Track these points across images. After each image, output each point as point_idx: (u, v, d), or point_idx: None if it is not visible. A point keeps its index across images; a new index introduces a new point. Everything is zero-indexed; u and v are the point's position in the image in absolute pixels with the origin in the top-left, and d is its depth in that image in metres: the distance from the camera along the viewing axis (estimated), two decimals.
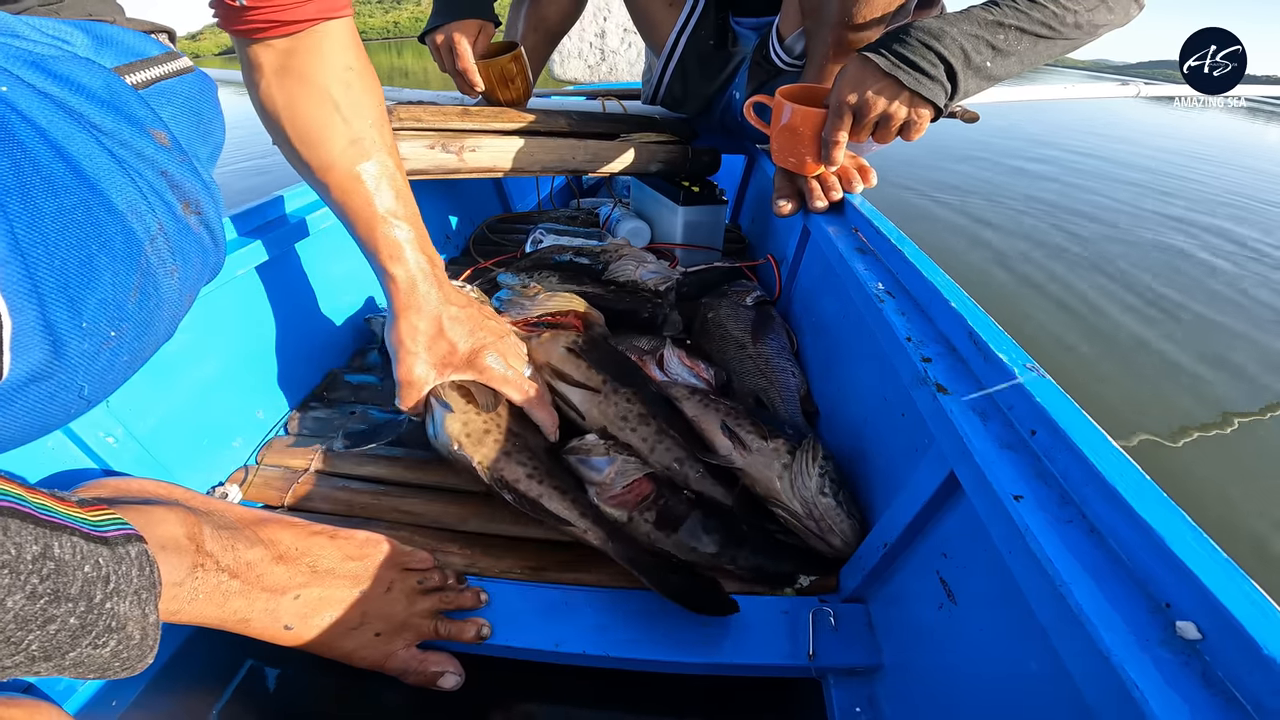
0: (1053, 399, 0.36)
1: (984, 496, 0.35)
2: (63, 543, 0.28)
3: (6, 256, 0.27)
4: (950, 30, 0.65)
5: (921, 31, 0.65)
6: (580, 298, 0.76)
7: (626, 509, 0.51)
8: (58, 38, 0.37)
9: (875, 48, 0.67)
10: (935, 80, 0.65)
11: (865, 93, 0.67)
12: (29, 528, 0.27)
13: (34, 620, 0.26)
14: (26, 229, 0.29)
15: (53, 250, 0.30)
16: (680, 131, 1.10)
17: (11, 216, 0.28)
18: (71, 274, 0.31)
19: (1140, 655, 0.25)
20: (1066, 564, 0.29)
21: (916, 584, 0.46)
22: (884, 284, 0.58)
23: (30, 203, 0.29)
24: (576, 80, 2.41)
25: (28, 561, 0.26)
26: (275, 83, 0.54)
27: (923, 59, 0.65)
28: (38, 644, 0.27)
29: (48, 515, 0.28)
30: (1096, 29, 0.69)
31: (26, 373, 0.29)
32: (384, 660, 0.47)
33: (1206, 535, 0.28)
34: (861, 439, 0.61)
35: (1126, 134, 5.67)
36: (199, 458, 0.62)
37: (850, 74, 0.68)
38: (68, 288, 0.30)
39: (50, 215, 0.30)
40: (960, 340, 0.45)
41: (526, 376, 0.63)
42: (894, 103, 0.67)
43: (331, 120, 0.55)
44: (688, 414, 0.62)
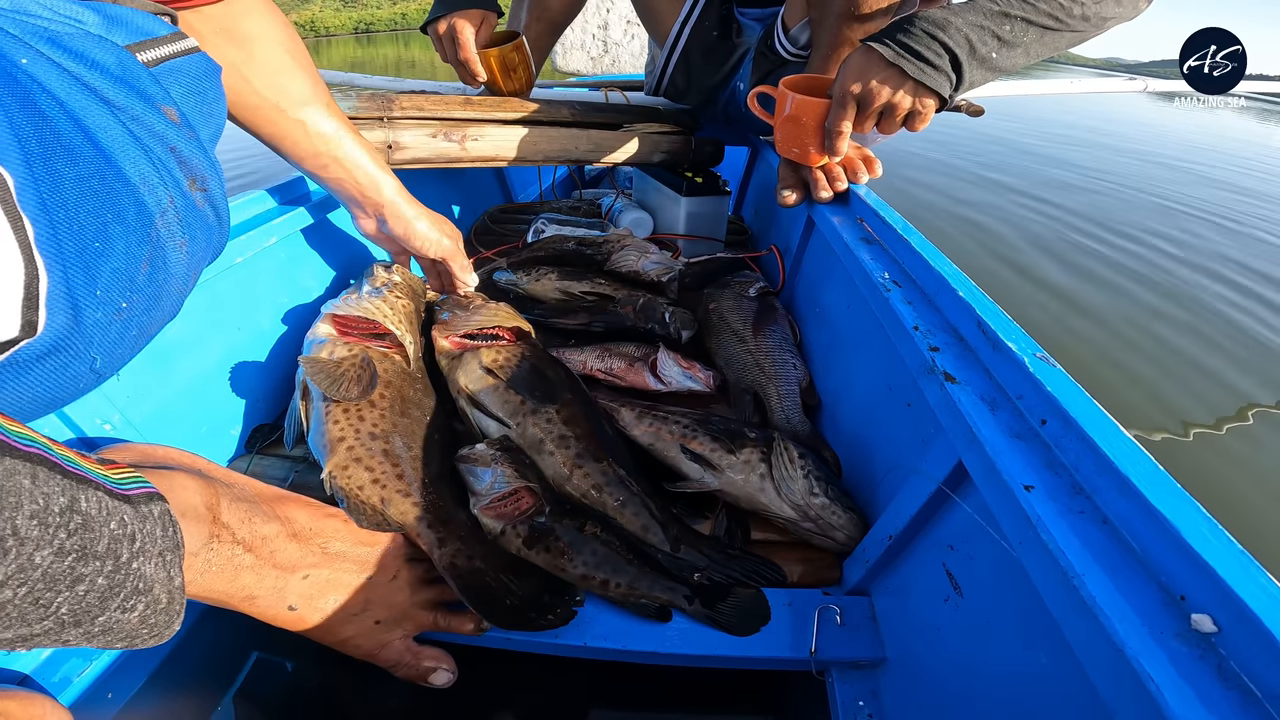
0: (1063, 388, 0.35)
1: (994, 487, 0.34)
2: (89, 496, 0.27)
3: (37, 216, 0.28)
4: (955, 21, 0.64)
5: (926, 22, 0.64)
6: (511, 308, 0.73)
7: (502, 521, 0.51)
8: (70, 16, 0.37)
9: (880, 38, 0.66)
10: (940, 70, 0.65)
11: (869, 83, 0.66)
12: (56, 478, 0.26)
13: (63, 580, 0.25)
14: (51, 193, 0.29)
15: (72, 216, 0.30)
16: (683, 122, 1.09)
17: (39, 180, 0.28)
18: (89, 241, 0.31)
19: (1155, 648, 0.24)
20: (1079, 555, 0.28)
21: (922, 577, 0.45)
22: (890, 273, 0.57)
23: (53, 169, 0.29)
24: (579, 72, 2.40)
25: (55, 514, 0.25)
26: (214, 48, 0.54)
27: (927, 49, 0.64)
28: (66, 606, 0.26)
29: (73, 468, 0.28)
30: (1104, 21, 0.68)
31: (50, 338, 0.29)
32: (379, 650, 0.46)
33: (1222, 527, 0.27)
34: (865, 430, 0.60)
35: (1138, 129, 5.64)
36: (197, 445, 0.61)
37: (854, 64, 0.68)
38: (84, 254, 0.30)
39: (70, 182, 0.30)
40: (968, 329, 0.45)
41: None
42: (898, 93, 0.66)
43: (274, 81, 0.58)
44: (643, 442, 0.61)
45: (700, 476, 0.56)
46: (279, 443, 0.65)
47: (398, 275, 0.73)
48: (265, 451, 0.65)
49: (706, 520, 0.58)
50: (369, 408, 0.56)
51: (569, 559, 0.50)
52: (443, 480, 0.55)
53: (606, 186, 1.53)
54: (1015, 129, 4.92)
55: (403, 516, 0.50)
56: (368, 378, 0.58)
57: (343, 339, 0.62)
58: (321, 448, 0.54)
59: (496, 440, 0.56)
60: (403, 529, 0.50)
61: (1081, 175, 3.61)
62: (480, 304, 0.72)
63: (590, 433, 0.58)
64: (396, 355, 0.64)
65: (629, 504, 0.54)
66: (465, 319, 0.69)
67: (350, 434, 0.54)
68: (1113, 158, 4.16)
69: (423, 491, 0.52)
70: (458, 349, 0.66)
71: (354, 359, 0.60)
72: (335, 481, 0.51)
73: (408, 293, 0.72)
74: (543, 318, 0.82)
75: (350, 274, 0.87)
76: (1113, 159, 4.14)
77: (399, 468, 0.53)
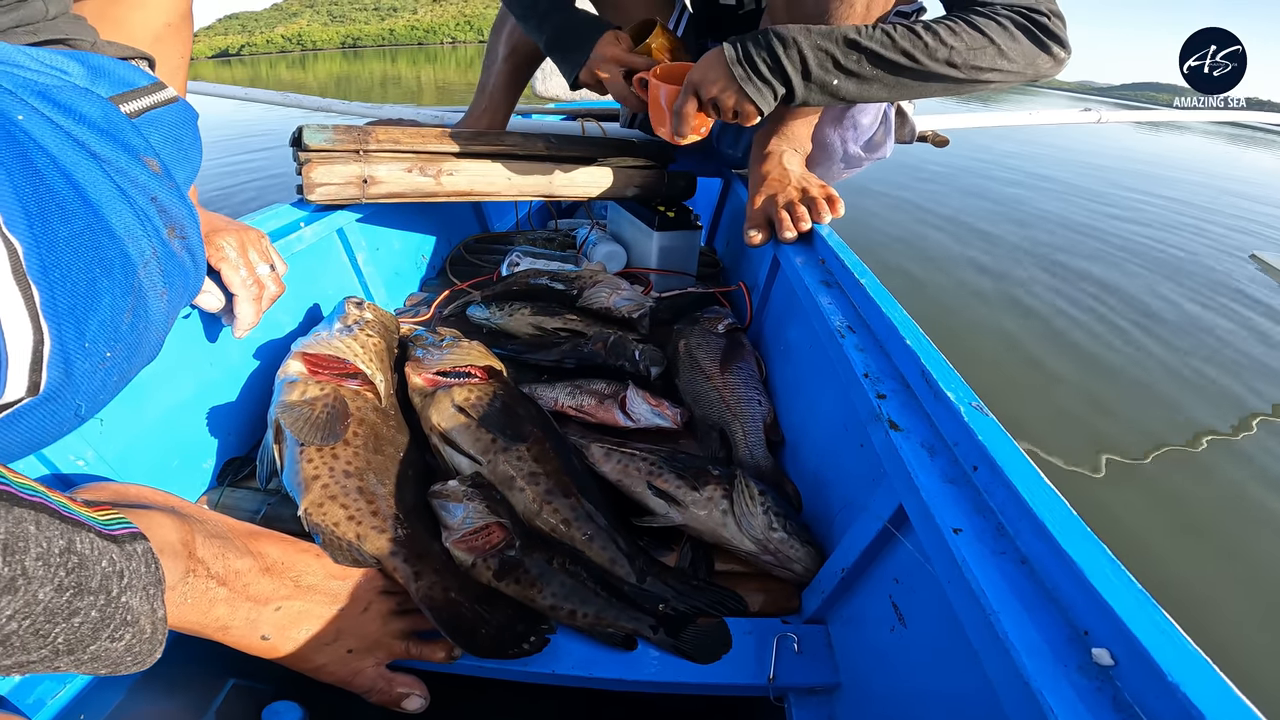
0: (993, 437, 0.39)
1: (928, 529, 0.37)
2: (82, 538, 0.29)
3: (39, 279, 0.29)
4: (801, 41, 0.68)
5: (774, 36, 0.69)
6: (483, 347, 0.75)
7: (474, 554, 0.53)
8: (56, 68, 0.38)
9: (736, 39, 0.72)
10: (766, 84, 0.70)
11: (706, 73, 0.73)
12: (55, 523, 0.28)
13: (60, 613, 0.27)
14: (49, 255, 0.30)
15: (66, 275, 0.31)
16: (656, 155, 1.13)
17: (40, 244, 0.30)
18: (80, 296, 0.32)
19: (1058, 680, 0.27)
20: (998, 593, 0.31)
21: (871, 607, 0.48)
22: (846, 318, 0.60)
23: (50, 230, 0.31)
24: (558, 97, 2.44)
25: (55, 555, 0.27)
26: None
27: (761, 62, 0.69)
28: (63, 637, 0.28)
29: (68, 513, 0.30)
30: (981, 73, 0.70)
31: (45, 393, 0.31)
32: (352, 677, 0.48)
33: (1123, 566, 0.30)
34: (823, 467, 0.63)
35: (1099, 158, 5.90)
36: (168, 480, 0.61)
37: (705, 57, 0.74)
38: (75, 310, 0.32)
39: (64, 240, 0.31)
40: (913, 377, 0.48)
41: (259, 273, 0.64)
42: (725, 91, 0.72)
43: None
44: (611, 478, 0.63)
45: (665, 512, 0.59)
46: (251, 476, 0.65)
47: (369, 313, 0.74)
48: (237, 484, 0.66)
49: (672, 552, 0.60)
50: (343, 446, 0.58)
51: (538, 590, 0.52)
52: (416, 514, 0.56)
53: (581, 216, 1.56)
54: (976, 152, 5.11)
55: (378, 552, 0.52)
56: (342, 420, 0.59)
57: (314, 378, 0.64)
58: (296, 485, 0.55)
59: (468, 476, 0.58)
60: (379, 564, 0.51)
61: (1036, 200, 3.77)
62: (453, 342, 0.74)
63: (559, 469, 0.60)
64: (368, 393, 0.65)
65: (596, 538, 0.56)
66: (438, 357, 0.71)
67: (324, 472, 0.55)
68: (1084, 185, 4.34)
69: (397, 526, 0.54)
70: (430, 386, 0.68)
71: (326, 398, 0.61)
72: (311, 519, 0.52)
73: (379, 329, 0.73)
74: (516, 353, 0.84)
75: (321, 308, 0.88)
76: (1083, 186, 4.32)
77: (374, 504, 0.54)
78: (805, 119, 0.89)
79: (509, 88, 1.17)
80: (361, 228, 1.00)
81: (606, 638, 0.51)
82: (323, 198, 0.87)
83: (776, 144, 0.89)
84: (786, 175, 0.85)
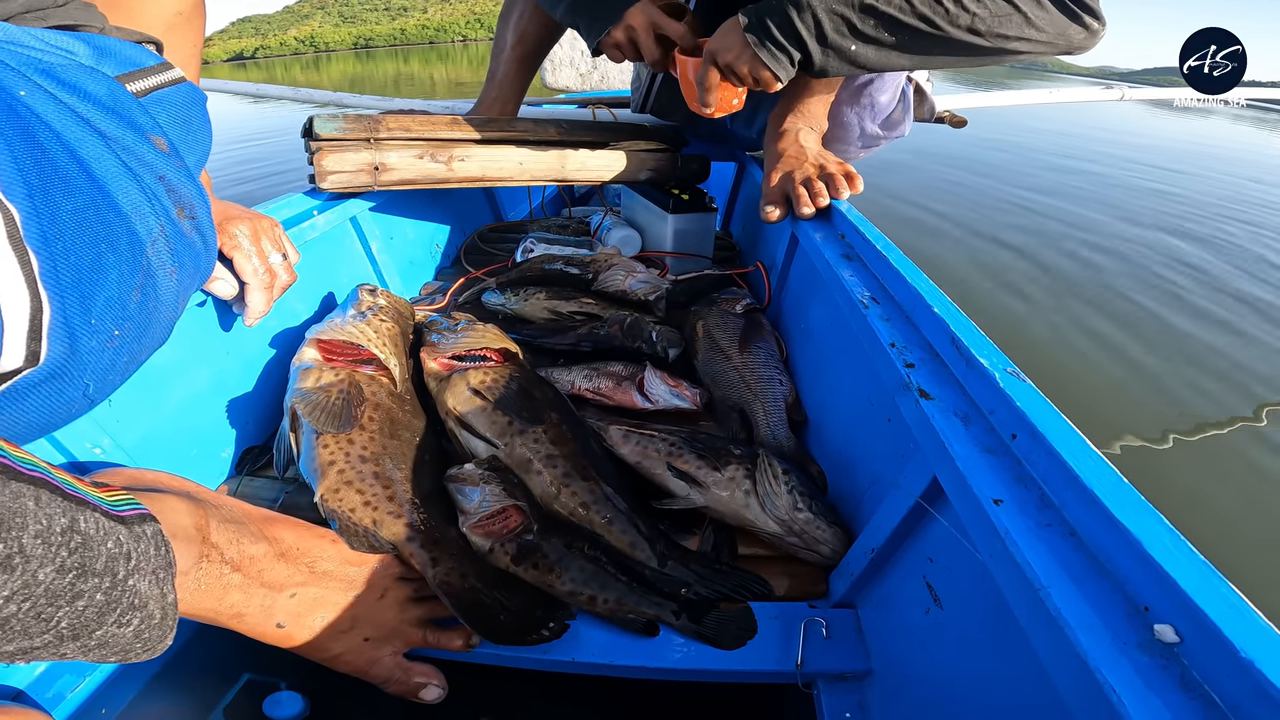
0: (1032, 402, 0.36)
1: (965, 501, 0.35)
2: (87, 517, 0.28)
3: (39, 248, 0.29)
4: (815, 4, 0.66)
5: (788, 2, 0.67)
6: (498, 330, 0.74)
7: (491, 539, 0.51)
8: (62, 47, 0.38)
9: (750, 9, 0.70)
10: (780, 48, 0.68)
11: (722, 41, 0.72)
12: (57, 500, 0.27)
13: (63, 595, 0.26)
14: (51, 225, 0.30)
15: (70, 247, 0.31)
16: (669, 139, 1.11)
17: (40, 213, 0.29)
18: (85, 271, 0.32)
19: (1118, 658, 0.25)
20: (1046, 567, 0.29)
21: (904, 589, 0.46)
22: (869, 290, 0.58)
23: (53, 202, 0.30)
24: (568, 88, 2.42)
25: (57, 533, 0.26)
26: None
27: (776, 28, 0.68)
28: (66, 621, 0.27)
29: (72, 490, 0.29)
30: (1008, 41, 0.67)
31: (48, 366, 0.30)
32: (368, 666, 0.47)
33: (1184, 538, 0.28)
34: (848, 445, 0.61)
35: (1120, 139, 5.71)
36: (187, 468, 0.61)
37: (722, 27, 0.73)
38: (80, 283, 0.31)
39: (67, 214, 0.31)
40: (943, 345, 0.46)
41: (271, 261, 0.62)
42: (740, 58, 0.71)
43: None
44: (630, 461, 0.61)
45: (686, 494, 0.57)
46: (269, 465, 0.65)
47: (382, 299, 0.74)
48: (255, 473, 0.65)
49: (694, 536, 0.58)
50: (358, 431, 0.57)
51: (557, 575, 0.50)
52: (433, 500, 0.55)
53: (595, 204, 1.55)
54: (1000, 139, 4.99)
55: (395, 537, 0.51)
56: (357, 406, 0.59)
57: (329, 364, 0.63)
58: (313, 472, 0.54)
59: (485, 460, 0.57)
60: (395, 549, 0.51)
61: (1059, 184, 3.66)
62: (468, 326, 0.73)
63: (577, 452, 0.59)
64: (383, 378, 0.64)
65: (616, 521, 0.55)
66: (453, 341, 0.70)
67: (340, 458, 0.54)
68: (1101, 171, 4.22)
69: (414, 512, 0.53)
70: (446, 370, 0.67)
71: (341, 384, 0.60)
72: (327, 505, 0.52)
73: (392, 315, 0.72)
74: (532, 338, 0.83)
75: (336, 296, 0.88)
76: (1100, 171, 4.20)
77: (390, 489, 0.53)
78: (821, 97, 0.87)
79: (518, 75, 1.16)
80: (375, 217, 1.00)
81: (627, 624, 0.50)
82: (335, 185, 0.87)
83: (793, 121, 0.87)
84: (803, 152, 0.83)
